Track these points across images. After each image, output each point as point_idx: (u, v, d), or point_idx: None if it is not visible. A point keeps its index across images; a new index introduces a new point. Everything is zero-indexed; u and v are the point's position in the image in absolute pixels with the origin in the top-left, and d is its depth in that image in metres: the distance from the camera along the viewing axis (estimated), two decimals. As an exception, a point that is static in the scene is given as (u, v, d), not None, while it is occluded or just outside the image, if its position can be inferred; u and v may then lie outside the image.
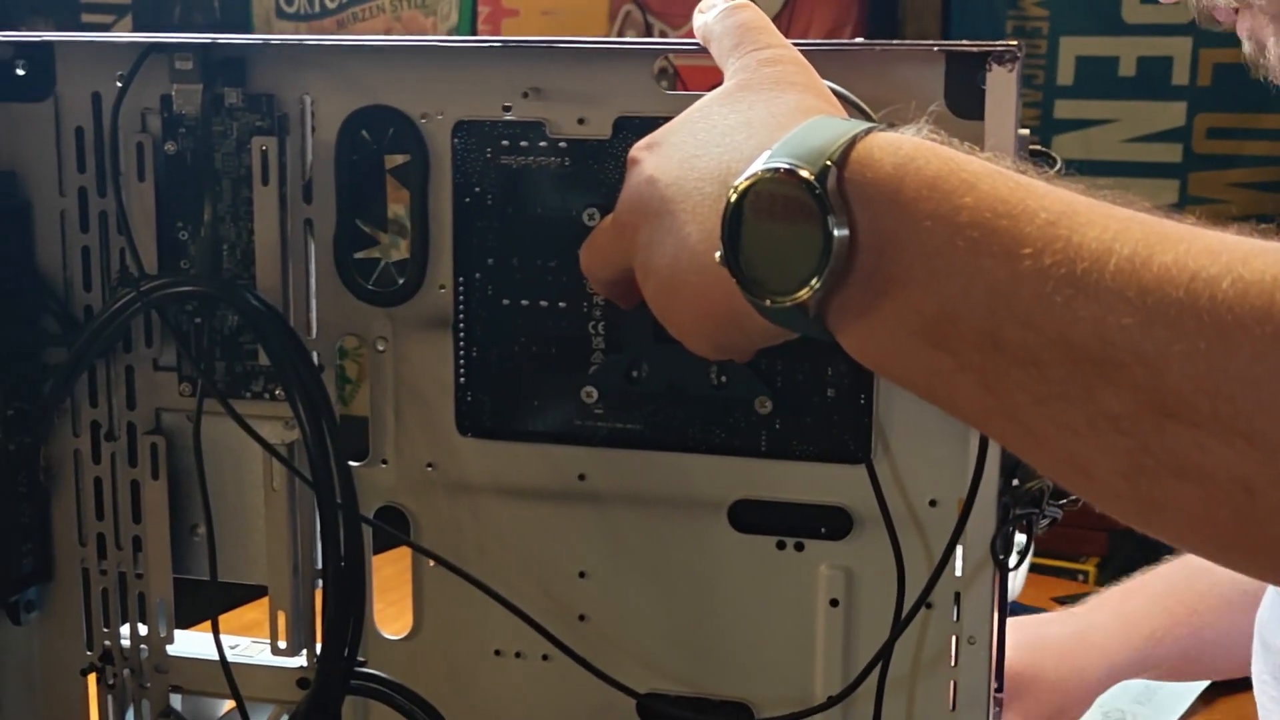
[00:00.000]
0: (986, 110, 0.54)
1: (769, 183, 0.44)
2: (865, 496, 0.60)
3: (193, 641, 0.68)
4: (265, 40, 0.62)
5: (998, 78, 0.54)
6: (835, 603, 0.61)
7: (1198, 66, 2.29)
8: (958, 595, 0.60)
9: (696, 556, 0.63)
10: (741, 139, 0.48)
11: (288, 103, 0.62)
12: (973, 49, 0.55)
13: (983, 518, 0.58)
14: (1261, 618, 0.94)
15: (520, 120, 0.61)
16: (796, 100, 0.49)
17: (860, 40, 0.57)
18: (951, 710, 0.61)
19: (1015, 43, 0.54)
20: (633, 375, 0.61)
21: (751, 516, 0.62)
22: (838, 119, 0.47)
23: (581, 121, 0.60)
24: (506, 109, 0.61)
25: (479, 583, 0.63)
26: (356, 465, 0.64)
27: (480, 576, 0.63)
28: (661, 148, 0.51)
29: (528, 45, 0.61)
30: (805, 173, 0.43)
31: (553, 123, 0.60)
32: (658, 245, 0.50)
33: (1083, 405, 0.40)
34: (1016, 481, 0.57)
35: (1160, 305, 0.38)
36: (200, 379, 0.64)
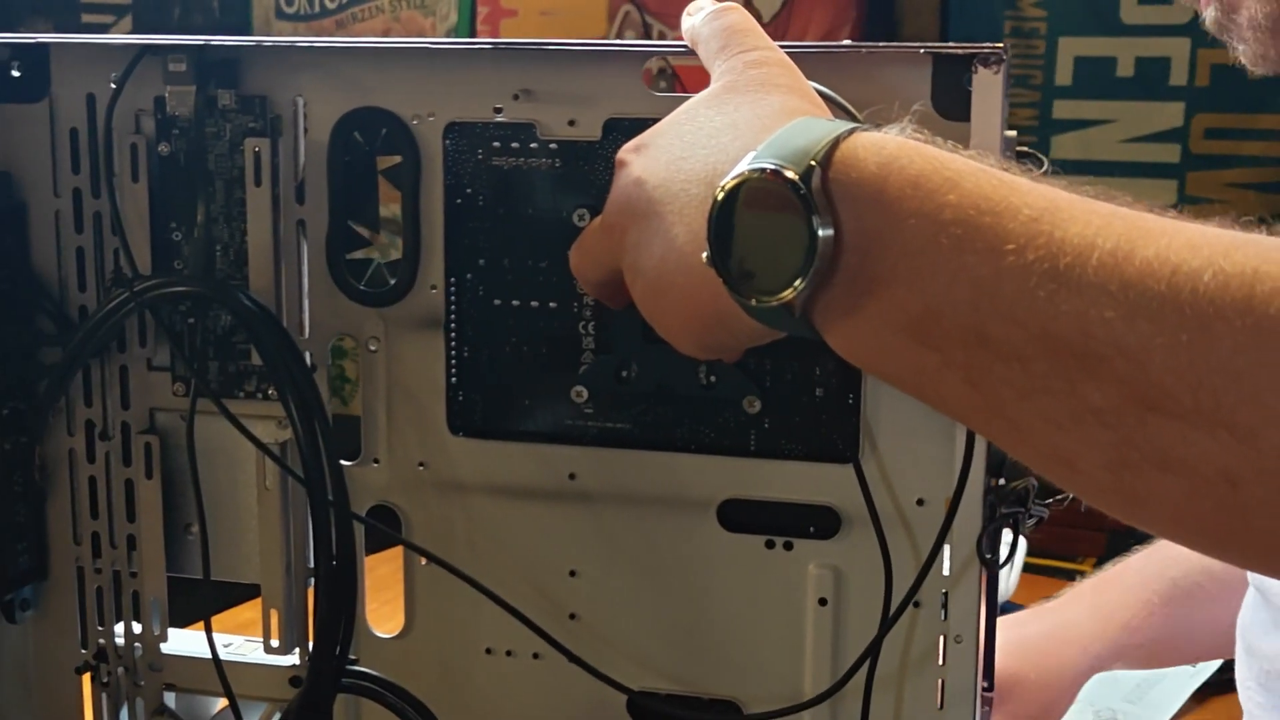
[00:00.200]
0: (973, 111, 0.54)
1: (754, 183, 0.45)
2: (853, 496, 0.60)
3: (186, 640, 0.68)
4: (258, 42, 0.63)
5: (984, 79, 0.54)
6: (824, 601, 0.62)
7: (1195, 67, 2.29)
8: (945, 594, 0.60)
9: (686, 555, 0.63)
10: (727, 140, 0.48)
11: (280, 104, 0.62)
12: (958, 51, 0.55)
13: (969, 517, 0.58)
14: (1244, 621, 0.94)
15: (511, 122, 0.61)
16: (782, 102, 0.49)
17: (848, 43, 0.57)
18: (939, 708, 0.61)
19: (1001, 45, 0.54)
20: (622, 375, 0.62)
21: (740, 516, 0.62)
22: (822, 120, 0.47)
23: (572, 123, 0.60)
24: (498, 111, 0.61)
25: (470, 579, 0.63)
26: (348, 464, 0.64)
27: (472, 575, 0.64)
28: (649, 149, 0.51)
29: (519, 47, 0.61)
30: (790, 173, 0.44)
31: (543, 124, 0.61)
32: (645, 246, 0.50)
33: (1066, 399, 0.40)
34: (1002, 480, 0.58)
35: (1142, 299, 0.39)
36: (194, 379, 0.64)
